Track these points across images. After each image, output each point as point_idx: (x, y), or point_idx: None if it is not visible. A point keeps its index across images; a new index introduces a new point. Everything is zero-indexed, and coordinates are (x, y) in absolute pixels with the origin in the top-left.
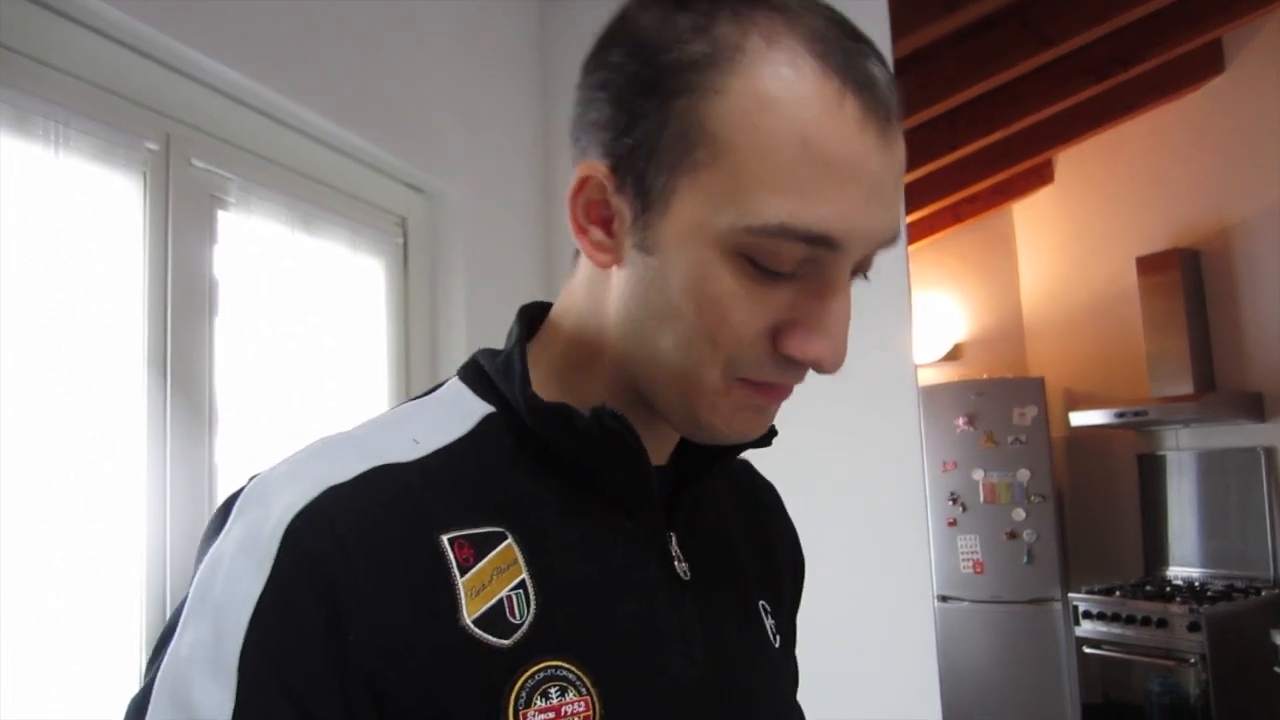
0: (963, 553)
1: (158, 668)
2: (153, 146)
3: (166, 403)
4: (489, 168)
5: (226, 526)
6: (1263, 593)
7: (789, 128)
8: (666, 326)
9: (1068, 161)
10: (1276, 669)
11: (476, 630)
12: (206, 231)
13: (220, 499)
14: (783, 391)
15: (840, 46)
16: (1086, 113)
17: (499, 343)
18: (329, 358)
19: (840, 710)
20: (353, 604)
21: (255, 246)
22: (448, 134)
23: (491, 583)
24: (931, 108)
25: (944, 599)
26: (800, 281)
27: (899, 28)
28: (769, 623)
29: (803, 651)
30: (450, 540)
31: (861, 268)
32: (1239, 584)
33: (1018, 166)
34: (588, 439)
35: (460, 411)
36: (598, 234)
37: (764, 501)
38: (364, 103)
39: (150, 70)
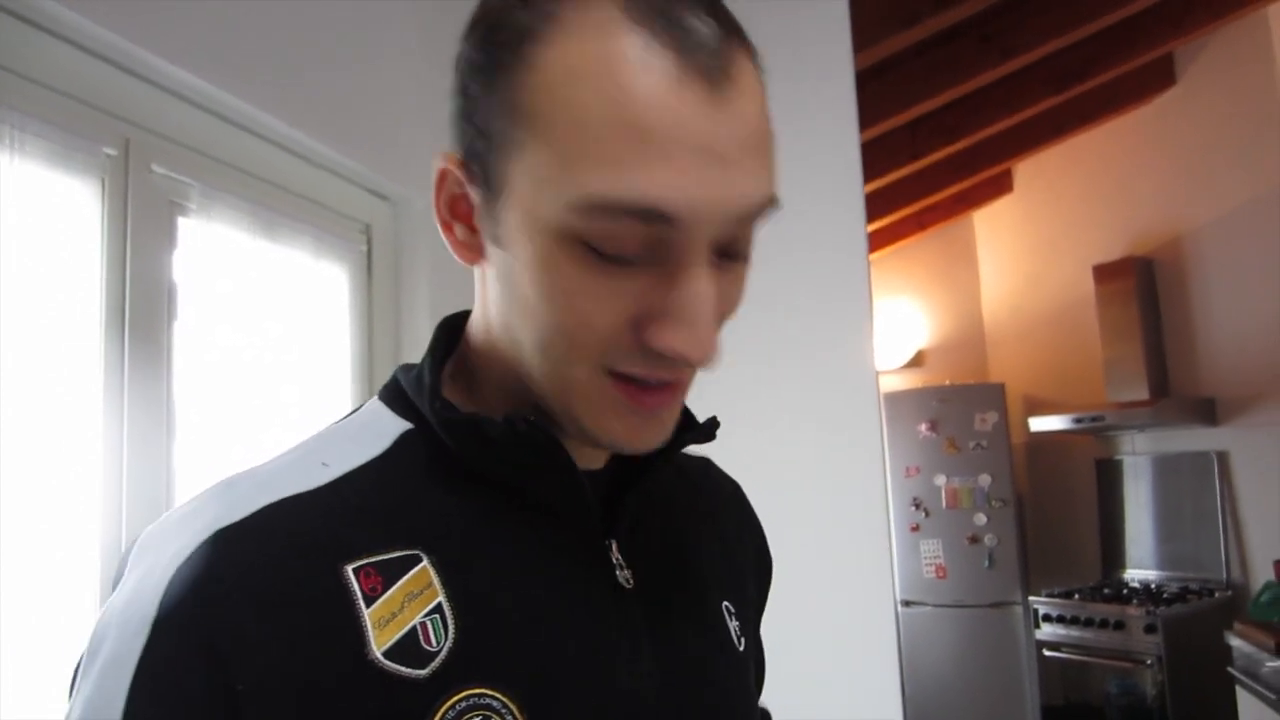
0: (925, 557)
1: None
2: (111, 152)
3: (124, 411)
4: None
5: (122, 579)
6: (1216, 594)
7: (596, 95)
8: (527, 323)
9: (1027, 171)
10: (1230, 669)
11: (387, 663)
12: (166, 238)
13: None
14: (666, 394)
15: (657, 3)
16: (1045, 124)
17: None
18: (291, 366)
19: (803, 713)
20: (241, 657)
21: (216, 253)
22: (413, 141)
23: (403, 610)
24: (894, 118)
25: (907, 604)
26: (652, 268)
27: (861, 39)
28: (733, 624)
29: (766, 655)
30: (355, 570)
31: (732, 249)
32: (1193, 586)
33: (978, 176)
34: (504, 448)
35: (376, 431)
36: (462, 230)
37: (725, 499)
38: (328, 109)
39: (109, 75)
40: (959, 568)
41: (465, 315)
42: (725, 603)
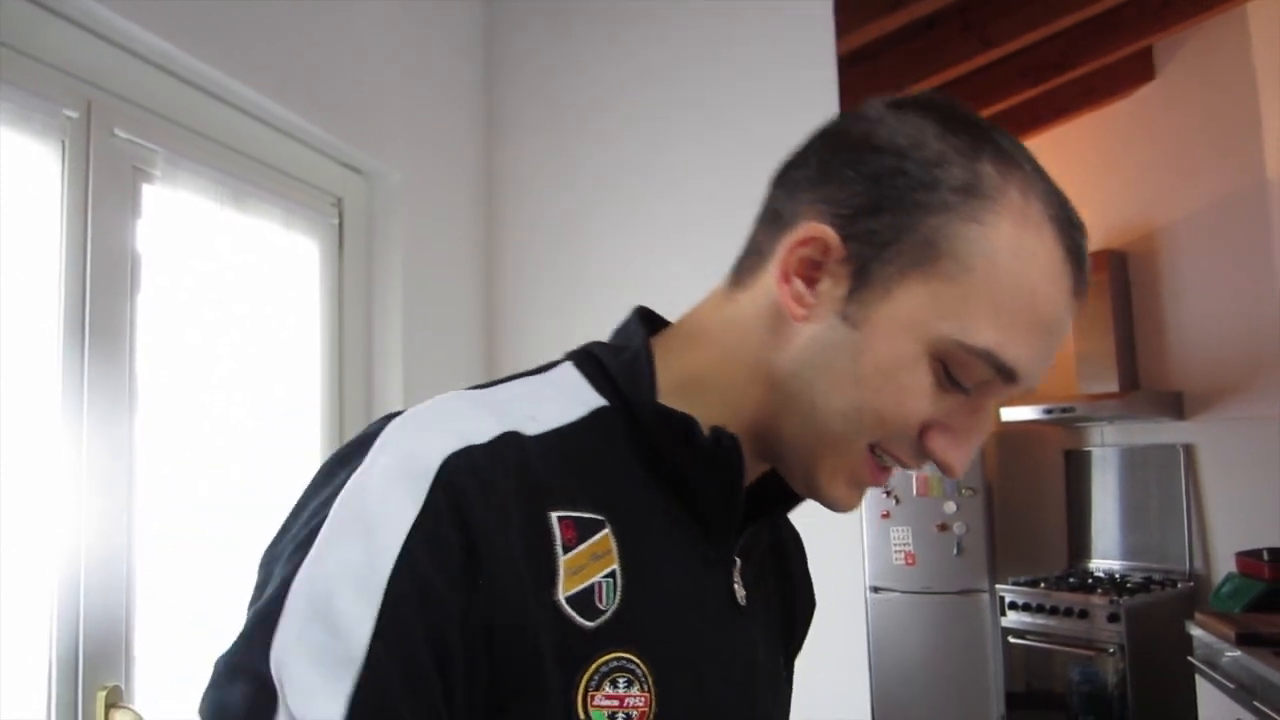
0: (895, 544)
1: (285, 577)
2: (72, 114)
3: (84, 381)
4: (430, 151)
5: (369, 458)
6: (1179, 585)
7: (1024, 279)
8: (842, 392)
9: None
10: (1190, 658)
11: (567, 608)
12: (129, 204)
13: (142, 481)
14: (888, 475)
15: (1071, 221)
16: (1023, 115)
17: (435, 328)
18: (259, 340)
19: None
20: (485, 553)
21: (182, 222)
22: (388, 115)
23: (588, 566)
24: None
25: (876, 589)
26: (969, 395)
27: (843, 24)
28: (781, 657)
29: None
30: (559, 518)
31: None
32: (1156, 576)
33: None
34: (700, 455)
35: (575, 398)
36: (800, 287)
37: (789, 547)
38: (300, 78)
39: (70, 34)
40: (928, 555)
41: (651, 312)
42: (783, 639)
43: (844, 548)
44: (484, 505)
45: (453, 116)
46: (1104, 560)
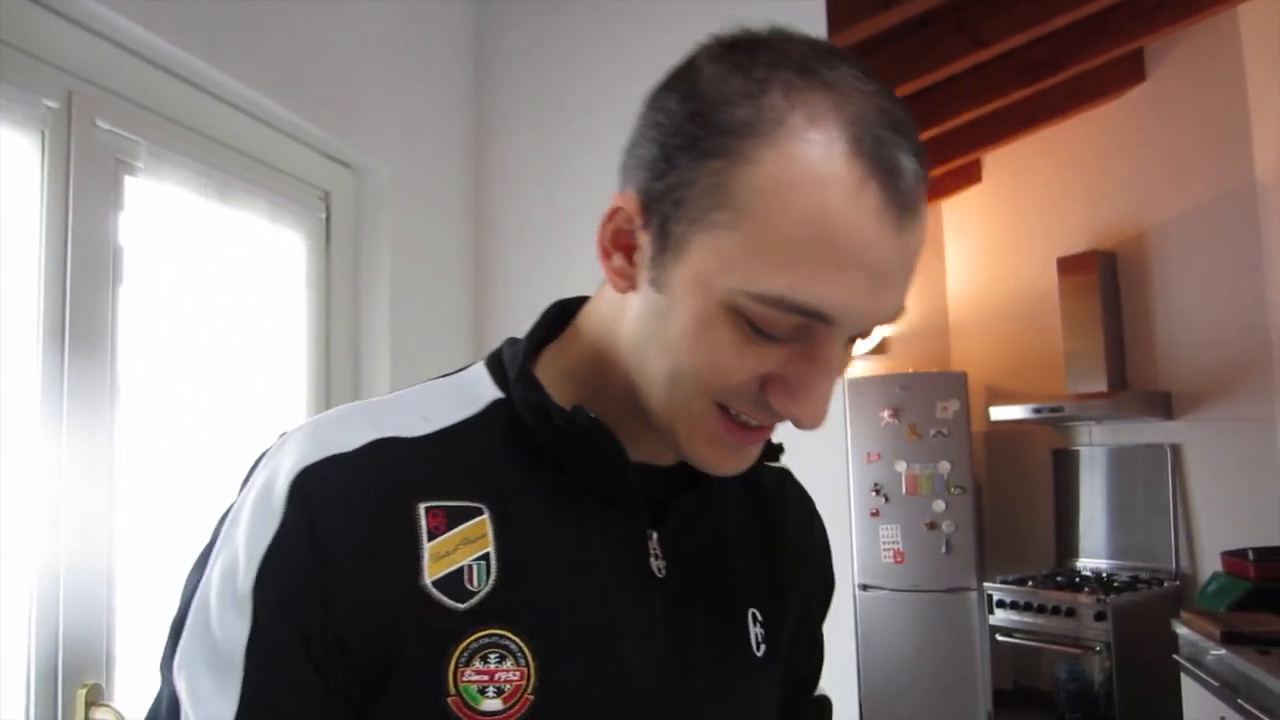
0: (884, 542)
1: (188, 592)
2: (52, 104)
3: (64, 377)
4: (419, 147)
5: (254, 476)
6: (1165, 584)
7: (806, 210)
8: (664, 358)
9: (995, 162)
10: (1176, 657)
11: (435, 591)
12: (111, 196)
13: (123, 476)
14: (761, 434)
15: (875, 133)
16: (1015, 115)
17: (423, 325)
18: (243, 332)
19: None
20: (336, 558)
21: (165, 215)
22: (376, 109)
23: (456, 551)
24: None
25: (865, 587)
26: (793, 343)
27: (835, 22)
28: (755, 631)
29: None
30: (426, 509)
31: (860, 335)
32: (1143, 575)
33: (948, 165)
34: (561, 434)
35: (473, 393)
36: (619, 260)
37: (788, 514)
38: (288, 71)
39: (50, 23)
40: (917, 553)
41: (579, 301)
42: (753, 610)
43: (833, 545)
44: (336, 512)
45: (442, 112)
46: (1091, 559)
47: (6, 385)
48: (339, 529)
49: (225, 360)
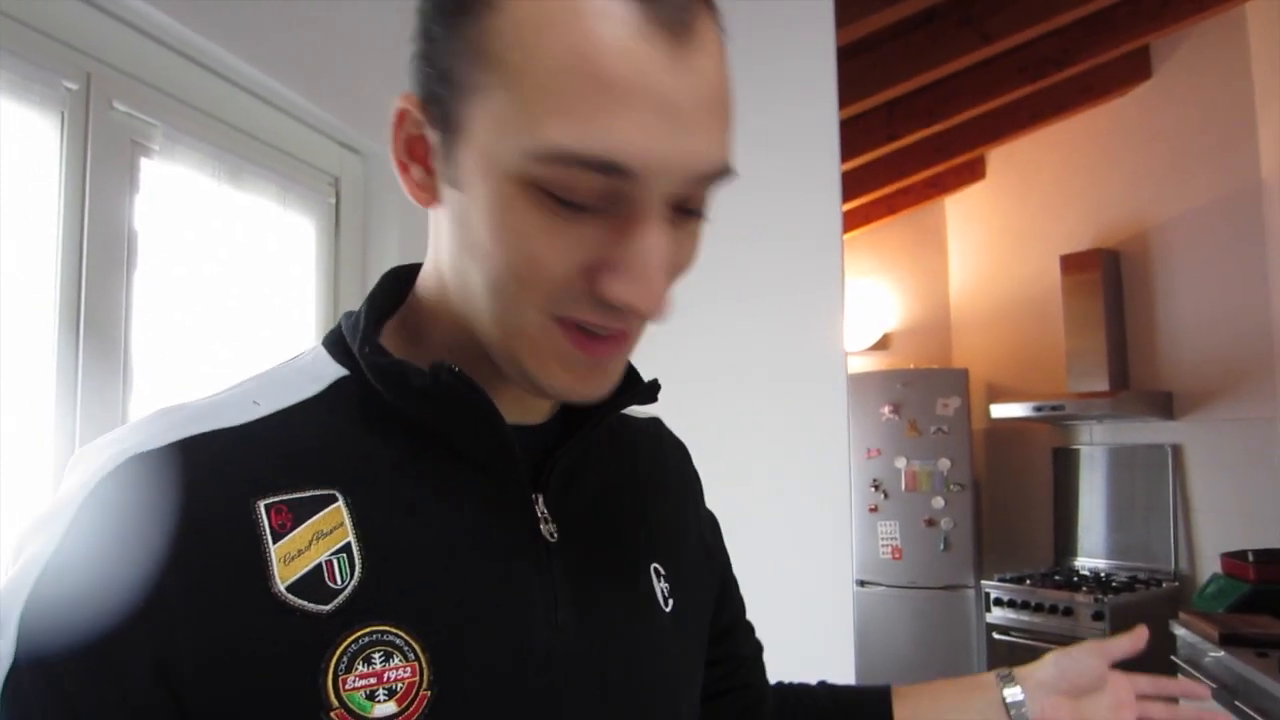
0: (883, 539)
1: None
2: (71, 86)
3: (78, 359)
4: None
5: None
6: (1164, 584)
7: (563, 43)
8: (478, 265)
9: (1000, 158)
10: (1173, 658)
11: (290, 596)
12: (127, 179)
13: None
14: (614, 344)
15: None
16: (1020, 111)
17: None
18: (254, 316)
19: None
20: (142, 574)
21: (179, 197)
22: (386, 94)
23: (310, 548)
24: (871, 98)
25: (863, 583)
26: (607, 216)
27: (843, 16)
28: (660, 586)
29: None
30: (267, 506)
31: (689, 204)
32: (1141, 575)
33: (952, 161)
34: (428, 397)
35: (312, 375)
36: (418, 172)
37: (669, 462)
38: (299, 56)
39: (70, 5)
40: (915, 550)
41: (416, 268)
42: (655, 565)
43: (833, 541)
44: (129, 527)
45: None
46: (1090, 558)
47: (21, 365)
48: (147, 542)
49: (235, 342)
